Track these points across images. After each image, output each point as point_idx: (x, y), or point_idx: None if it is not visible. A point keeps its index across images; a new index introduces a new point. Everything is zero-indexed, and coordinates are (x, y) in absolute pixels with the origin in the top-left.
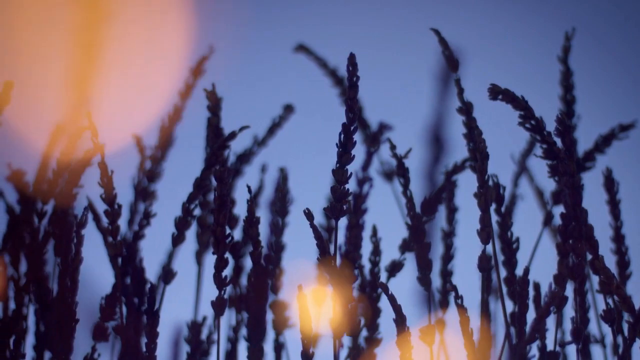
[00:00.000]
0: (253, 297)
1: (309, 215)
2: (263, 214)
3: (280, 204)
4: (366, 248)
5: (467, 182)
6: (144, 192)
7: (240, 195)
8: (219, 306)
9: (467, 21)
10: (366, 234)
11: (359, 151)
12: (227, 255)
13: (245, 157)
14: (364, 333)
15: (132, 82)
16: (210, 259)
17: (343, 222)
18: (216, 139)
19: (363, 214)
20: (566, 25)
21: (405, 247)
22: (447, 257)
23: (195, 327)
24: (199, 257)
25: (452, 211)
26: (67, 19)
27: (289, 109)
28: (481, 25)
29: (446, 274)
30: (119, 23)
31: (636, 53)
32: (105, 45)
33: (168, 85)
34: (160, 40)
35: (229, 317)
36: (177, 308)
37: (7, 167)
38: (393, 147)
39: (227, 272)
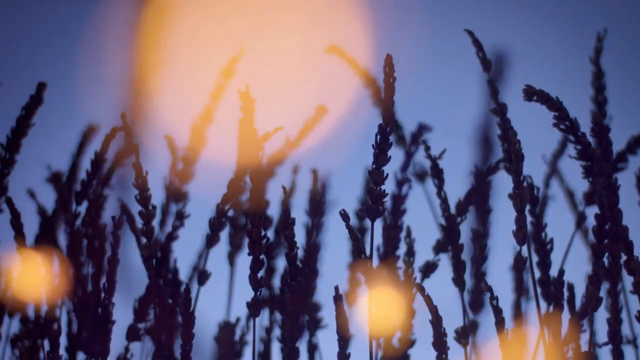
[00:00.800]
0: (290, 298)
1: (345, 216)
2: (295, 215)
3: (314, 205)
4: (400, 249)
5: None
6: (176, 193)
7: (272, 197)
8: (254, 307)
9: (500, 22)
10: (400, 234)
11: (395, 152)
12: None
13: (277, 159)
14: (398, 334)
15: (165, 83)
16: (241, 260)
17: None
18: (250, 139)
19: (402, 215)
20: (598, 26)
21: (439, 248)
22: (481, 258)
23: (228, 328)
24: (232, 258)
25: (485, 212)
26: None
27: (321, 110)
28: (514, 26)
29: (479, 275)
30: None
31: None
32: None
33: (201, 87)
34: (191, 42)
35: (260, 318)
36: (208, 309)
37: (47, 169)
38: (428, 148)
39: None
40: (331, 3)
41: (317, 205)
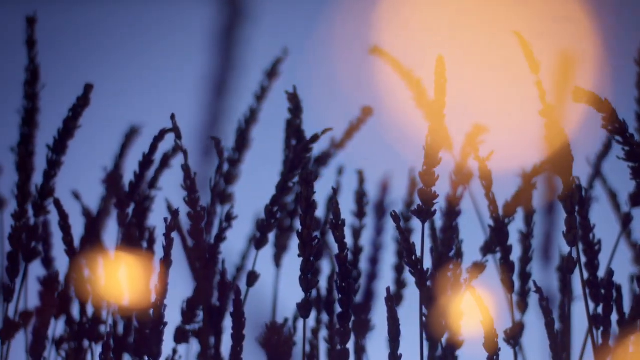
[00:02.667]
0: (340, 299)
1: (395, 217)
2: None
3: (358, 206)
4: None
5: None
6: (221, 195)
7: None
8: (304, 308)
9: (542, 22)
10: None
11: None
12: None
13: (322, 160)
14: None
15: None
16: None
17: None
18: (298, 141)
19: (457, 217)
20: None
21: (487, 249)
22: (526, 259)
23: (274, 329)
24: (278, 259)
25: (529, 213)
26: None
27: (367, 111)
28: (556, 27)
29: (525, 276)
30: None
31: None
32: None
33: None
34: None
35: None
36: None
37: (103, 170)
38: (476, 150)
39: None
40: (376, 4)
41: (361, 206)
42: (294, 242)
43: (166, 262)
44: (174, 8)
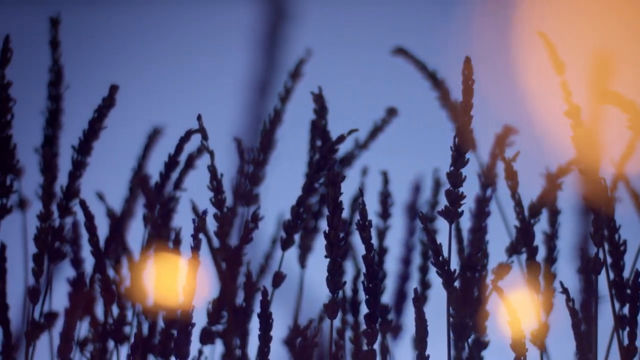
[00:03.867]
0: (367, 300)
1: (423, 218)
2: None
3: (383, 207)
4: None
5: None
6: (246, 196)
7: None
8: (332, 309)
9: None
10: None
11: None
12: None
13: (347, 161)
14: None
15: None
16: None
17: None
18: (323, 142)
19: (486, 218)
20: None
21: (512, 250)
22: (550, 259)
23: (297, 330)
24: (303, 260)
25: (554, 214)
26: None
27: (392, 112)
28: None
29: (550, 277)
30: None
31: None
32: None
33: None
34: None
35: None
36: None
37: (131, 171)
38: (502, 151)
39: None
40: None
41: (385, 207)
42: (318, 243)
43: (194, 263)
44: (216, 8)
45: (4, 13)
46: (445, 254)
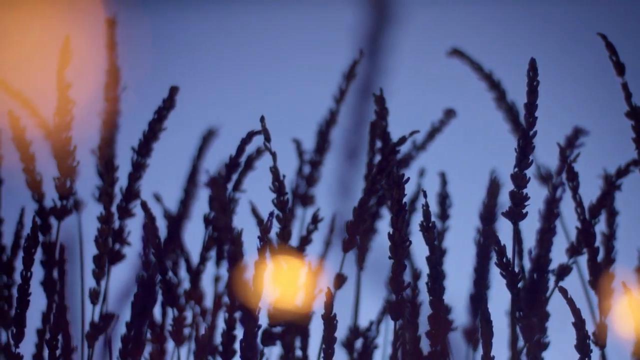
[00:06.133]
0: (431, 301)
1: (487, 219)
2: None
3: (441, 208)
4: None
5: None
6: (303, 197)
7: None
8: (396, 310)
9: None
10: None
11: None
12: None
13: (404, 162)
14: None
15: (291, 88)
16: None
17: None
18: (384, 143)
19: (555, 219)
20: None
21: (573, 251)
22: (609, 260)
23: (357, 331)
24: (361, 261)
25: (612, 215)
26: None
27: (450, 113)
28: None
29: (609, 278)
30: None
31: None
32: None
33: (323, 90)
34: (312, 46)
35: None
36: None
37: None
38: (563, 151)
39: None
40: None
41: (443, 208)
42: (374, 244)
43: (260, 264)
44: (320, 10)
45: (65, 14)
46: (509, 255)
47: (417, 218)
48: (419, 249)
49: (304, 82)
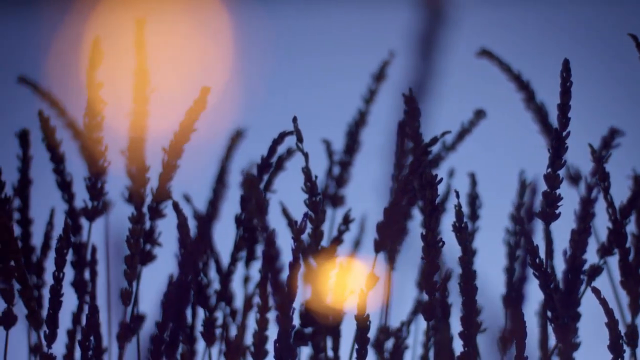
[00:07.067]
0: (463, 302)
1: (519, 219)
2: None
3: (471, 209)
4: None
5: None
6: (333, 198)
7: None
8: (429, 311)
9: None
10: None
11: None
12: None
13: (434, 162)
14: None
15: (318, 90)
16: None
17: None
18: (416, 144)
19: (591, 219)
20: None
21: (604, 251)
22: (639, 261)
23: (386, 331)
24: (391, 261)
25: None
26: None
27: (480, 114)
28: None
29: (638, 278)
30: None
31: None
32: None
33: (352, 91)
34: (342, 47)
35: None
36: None
37: (241, 173)
38: (594, 152)
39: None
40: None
41: (473, 208)
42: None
43: (295, 265)
44: (372, 10)
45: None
46: (542, 255)
47: (446, 219)
48: (447, 249)
49: (339, 82)
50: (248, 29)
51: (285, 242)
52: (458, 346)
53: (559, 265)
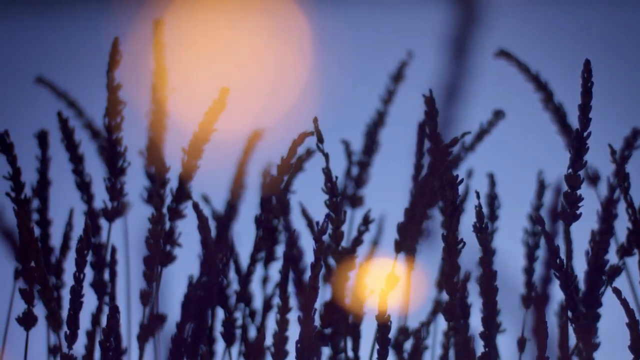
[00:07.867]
0: (484, 303)
1: (540, 220)
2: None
3: (490, 209)
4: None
5: None
6: (351, 198)
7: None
8: (450, 312)
9: None
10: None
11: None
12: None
13: (453, 163)
14: None
15: (337, 90)
16: None
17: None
18: (435, 144)
19: (614, 220)
20: None
21: (623, 252)
22: None
23: (406, 332)
24: (411, 262)
25: None
26: None
27: (499, 115)
28: None
29: None
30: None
31: None
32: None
33: (370, 92)
34: (361, 48)
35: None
36: None
37: (263, 175)
38: (613, 152)
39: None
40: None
41: (492, 209)
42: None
43: (316, 266)
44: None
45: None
46: (562, 256)
47: (465, 219)
48: (466, 250)
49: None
50: (270, 29)
51: (303, 243)
52: (478, 346)
53: (578, 266)
